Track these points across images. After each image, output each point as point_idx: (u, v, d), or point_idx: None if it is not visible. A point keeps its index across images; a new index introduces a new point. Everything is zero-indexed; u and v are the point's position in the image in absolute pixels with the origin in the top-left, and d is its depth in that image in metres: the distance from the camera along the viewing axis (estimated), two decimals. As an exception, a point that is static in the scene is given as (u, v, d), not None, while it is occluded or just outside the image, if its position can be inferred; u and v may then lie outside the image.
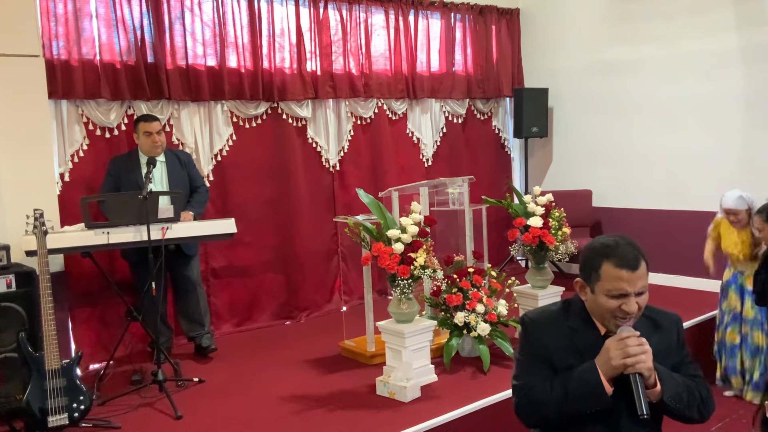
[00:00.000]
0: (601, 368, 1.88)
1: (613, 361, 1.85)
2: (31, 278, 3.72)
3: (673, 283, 6.10)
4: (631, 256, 1.87)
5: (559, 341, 1.98)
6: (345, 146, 5.96)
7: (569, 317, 2.03)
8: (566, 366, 1.95)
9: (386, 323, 4.00)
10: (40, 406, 3.28)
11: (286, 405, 3.78)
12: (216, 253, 5.25)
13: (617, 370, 1.86)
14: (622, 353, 1.84)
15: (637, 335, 1.88)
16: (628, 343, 1.85)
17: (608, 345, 1.88)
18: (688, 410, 1.95)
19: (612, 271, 1.87)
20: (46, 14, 4.38)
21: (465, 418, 3.56)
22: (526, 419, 2.03)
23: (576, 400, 1.89)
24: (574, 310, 2.03)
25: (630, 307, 1.87)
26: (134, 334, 4.74)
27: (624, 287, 1.86)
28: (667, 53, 6.06)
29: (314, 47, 5.65)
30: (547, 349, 1.99)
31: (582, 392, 1.89)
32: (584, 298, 2.00)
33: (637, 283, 1.87)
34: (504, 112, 7.28)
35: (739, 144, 5.65)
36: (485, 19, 6.86)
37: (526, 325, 2.06)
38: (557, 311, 2.07)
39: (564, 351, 1.97)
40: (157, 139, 4.36)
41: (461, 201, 4.94)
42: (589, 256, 1.95)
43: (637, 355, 1.84)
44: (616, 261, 1.87)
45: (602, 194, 6.65)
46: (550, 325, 2.02)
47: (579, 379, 1.90)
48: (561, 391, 1.91)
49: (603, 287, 1.89)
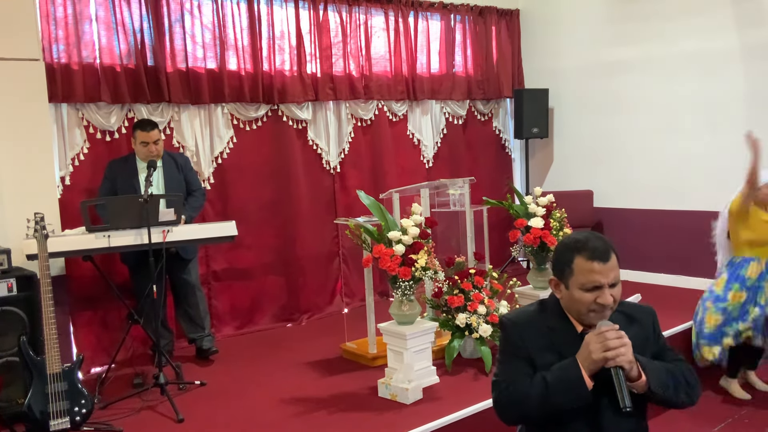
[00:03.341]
0: (582, 363, 1.89)
1: (593, 355, 1.87)
2: (32, 282, 3.72)
3: (673, 283, 6.09)
4: (602, 249, 1.91)
5: (538, 341, 2.00)
6: (345, 148, 5.96)
7: (546, 316, 2.05)
8: (547, 364, 1.96)
9: (387, 325, 4.00)
10: (42, 410, 3.27)
11: (287, 407, 3.78)
12: (217, 255, 5.24)
13: (598, 364, 1.87)
14: (602, 347, 1.86)
15: (616, 328, 1.90)
16: (608, 336, 1.87)
17: (588, 340, 1.90)
18: (675, 396, 1.96)
19: (584, 264, 1.91)
20: (46, 18, 4.38)
21: (467, 419, 3.56)
22: (505, 415, 2.02)
23: (556, 396, 1.90)
24: (551, 309, 2.05)
25: (605, 299, 1.90)
26: (135, 337, 4.74)
27: (597, 279, 1.89)
28: (667, 53, 6.06)
29: (314, 49, 5.65)
30: (528, 349, 2.00)
31: (562, 387, 1.89)
32: (559, 296, 2.03)
33: (610, 275, 1.90)
34: (504, 112, 7.28)
35: (739, 143, 5.61)
36: (485, 20, 6.86)
37: (506, 326, 2.07)
38: (534, 311, 2.09)
39: (544, 350, 1.98)
40: (153, 149, 4.34)
41: (462, 202, 4.94)
42: (561, 252, 1.99)
43: (617, 348, 1.86)
44: (587, 254, 1.91)
45: (603, 194, 6.65)
46: (529, 326, 2.04)
47: (559, 375, 1.91)
48: (541, 386, 1.92)
49: (577, 281, 1.92)
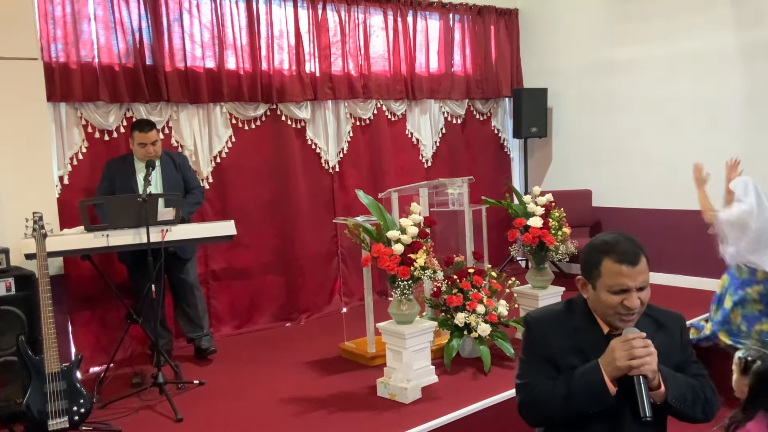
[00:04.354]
0: (605, 368, 1.87)
1: (618, 362, 1.85)
2: (30, 281, 3.72)
3: (673, 282, 6.09)
4: (631, 252, 1.88)
5: (562, 340, 1.98)
6: (344, 147, 5.95)
7: (572, 316, 2.02)
8: (570, 365, 1.95)
9: (386, 324, 3.99)
10: (40, 410, 3.27)
11: (286, 407, 3.78)
12: (216, 255, 5.24)
13: (622, 371, 1.85)
14: (628, 354, 1.84)
15: (642, 336, 1.87)
16: (634, 344, 1.85)
17: (613, 345, 1.88)
18: (692, 411, 1.94)
19: (613, 267, 1.88)
20: (44, 17, 4.38)
21: (466, 419, 3.56)
22: (529, 418, 2.03)
23: (579, 400, 1.89)
24: (577, 309, 2.03)
25: (632, 302, 1.87)
26: (134, 336, 4.73)
27: (625, 282, 1.87)
28: (666, 53, 6.06)
29: (313, 49, 5.65)
30: (551, 348, 1.98)
31: (585, 392, 1.88)
32: (586, 296, 2.00)
33: (638, 278, 1.87)
34: (503, 112, 7.27)
35: (737, 143, 5.64)
36: (484, 19, 6.85)
37: (530, 324, 2.06)
38: (560, 311, 2.07)
39: (568, 350, 1.97)
40: (151, 149, 4.34)
41: (461, 201, 4.94)
42: (589, 253, 1.96)
43: (642, 357, 1.83)
44: (616, 257, 1.88)
45: (602, 194, 6.65)
46: (554, 325, 2.02)
47: (582, 379, 1.89)
48: (564, 390, 1.90)
49: (604, 283, 1.90)
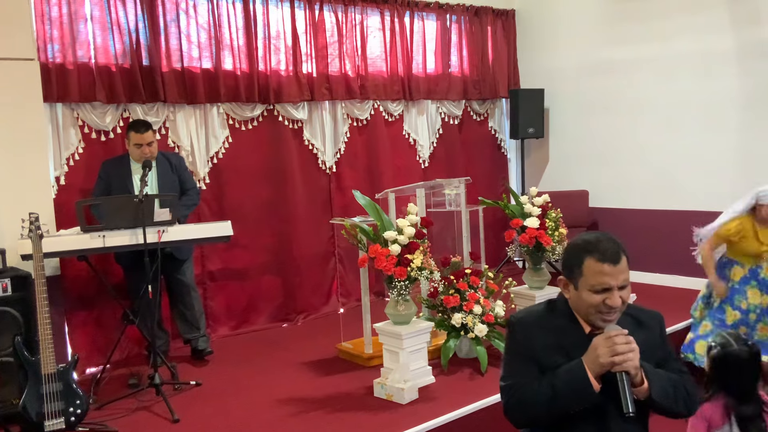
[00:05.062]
0: (588, 366, 1.89)
1: (600, 359, 1.87)
2: (26, 282, 3.71)
3: (669, 282, 6.10)
4: (612, 251, 1.91)
5: (545, 340, 2.00)
6: (341, 148, 5.96)
7: (554, 316, 2.05)
8: (553, 365, 1.96)
9: (383, 325, 3.99)
10: (37, 411, 3.27)
11: (283, 407, 3.78)
12: (212, 255, 5.23)
13: (604, 368, 1.88)
14: (610, 351, 1.87)
15: (625, 333, 1.90)
16: (616, 341, 1.88)
17: (596, 343, 1.90)
18: (675, 405, 1.99)
19: (594, 266, 1.91)
20: (41, 17, 4.37)
21: (463, 419, 3.56)
22: (515, 419, 2.04)
23: (564, 398, 1.91)
24: (559, 309, 2.05)
25: (614, 300, 1.90)
26: (131, 337, 4.73)
27: (607, 281, 1.90)
28: (663, 53, 6.07)
29: (310, 49, 5.65)
30: (535, 349, 2.00)
31: (569, 389, 1.90)
32: (568, 296, 2.03)
33: (620, 277, 1.90)
34: (500, 113, 7.28)
35: (735, 143, 5.66)
36: (480, 20, 6.86)
37: (514, 326, 2.07)
38: (542, 311, 2.09)
39: (551, 350, 1.99)
40: (147, 150, 4.34)
41: (458, 202, 4.95)
42: (571, 253, 1.99)
43: (624, 353, 1.86)
44: (598, 256, 1.91)
45: (599, 194, 6.66)
46: (537, 325, 2.04)
47: (566, 377, 1.91)
48: (549, 389, 1.92)
49: (586, 282, 1.93)
